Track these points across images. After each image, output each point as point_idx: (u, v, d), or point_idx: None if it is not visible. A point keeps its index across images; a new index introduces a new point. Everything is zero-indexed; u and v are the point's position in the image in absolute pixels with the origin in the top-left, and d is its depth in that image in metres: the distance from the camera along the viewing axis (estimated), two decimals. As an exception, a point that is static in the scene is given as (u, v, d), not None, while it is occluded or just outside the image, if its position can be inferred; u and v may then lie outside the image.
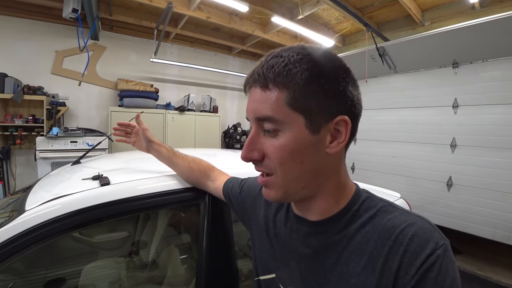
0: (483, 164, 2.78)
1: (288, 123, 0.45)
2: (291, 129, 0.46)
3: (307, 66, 0.44)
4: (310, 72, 0.44)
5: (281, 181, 0.49)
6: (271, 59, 0.46)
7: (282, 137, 0.46)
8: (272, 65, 0.45)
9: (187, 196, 0.97)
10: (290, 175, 0.48)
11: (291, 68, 0.44)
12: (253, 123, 0.50)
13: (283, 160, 0.47)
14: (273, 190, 0.51)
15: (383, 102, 3.67)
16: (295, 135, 0.46)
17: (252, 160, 0.50)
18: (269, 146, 0.48)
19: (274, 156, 0.47)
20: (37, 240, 0.74)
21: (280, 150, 0.46)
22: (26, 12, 3.80)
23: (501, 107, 2.66)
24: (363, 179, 3.71)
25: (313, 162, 0.48)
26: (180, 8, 3.87)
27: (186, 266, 1.25)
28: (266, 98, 0.46)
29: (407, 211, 0.48)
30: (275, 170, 0.49)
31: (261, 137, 0.49)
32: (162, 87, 4.99)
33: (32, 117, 3.64)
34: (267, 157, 0.49)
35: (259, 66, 0.47)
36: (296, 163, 0.47)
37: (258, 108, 0.47)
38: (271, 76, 0.45)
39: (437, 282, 0.39)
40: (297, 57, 0.45)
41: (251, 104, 0.49)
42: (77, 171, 1.22)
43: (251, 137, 0.50)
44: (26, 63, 3.83)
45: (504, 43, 2.56)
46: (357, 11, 4.14)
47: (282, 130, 0.46)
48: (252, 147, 0.49)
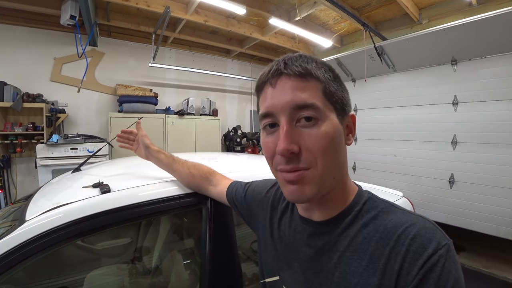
0: (485, 160, 2.78)
1: (326, 111, 0.47)
2: (329, 118, 0.48)
3: (328, 68, 0.51)
4: (332, 73, 0.51)
5: (321, 172, 0.47)
6: (300, 58, 0.49)
7: (323, 126, 0.47)
8: (307, 61, 0.49)
9: (188, 202, 0.97)
10: (330, 164, 0.47)
11: (320, 67, 0.49)
12: (285, 115, 0.47)
13: (325, 148, 0.46)
14: (309, 185, 0.47)
15: (382, 101, 3.67)
16: (332, 123, 0.48)
17: (292, 153, 0.46)
18: (308, 136, 0.46)
19: (317, 145, 0.46)
20: (38, 251, 0.73)
21: (323, 138, 0.46)
22: (24, 20, 3.82)
23: (501, 103, 2.66)
24: (365, 178, 3.71)
25: (343, 152, 0.51)
26: (178, 13, 3.89)
27: (190, 271, 1.24)
28: (306, 87, 0.47)
29: (409, 211, 0.49)
30: (314, 162, 0.47)
31: (295, 130, 0.47)
32: (161, 92, 4.99)
33: (32, 125, 3.64)
34: (305, 149, 0.46)
35: (290, 60, 0.49)
36: (335, 151, 0.48)
37: (297, 95, 0.46)
38: (311, 67, 0.48)
39: (439, 282, 0.39)
40: (319, 60, 0.51)
41: (286, 94, 0.47)
42: (78, 178, 1.21)
43: (287, 128, 0.47)
44: (25, 71, 3.84)
45: (503, 39, 2.56)
46: (355, 11, 4.14)
47: (322, 119, 0.47)
48: (291, 139, 0.46)
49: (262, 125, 0.52)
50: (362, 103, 3.89)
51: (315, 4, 3.69)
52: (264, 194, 0.73)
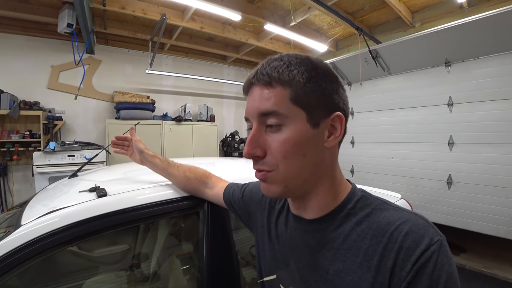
0: (482, 160, 2.79)
1: (292, 117, 0.48)
2: (294, 123, 0.48)
3: (306, 68, 0.49)
4: (309, 73, 0.49)
5: (283, 175, 0.50)
6: (273, 62, 0.50)
7: (286, 131, 0.48)
8: (275, 66, 0.49)
9: (185, 205, 0.96)
10: (292, 169, 0.49)
11: (292, 69, 0.48)
12: (255, 121, 0.51)
13: (287, 153, 0.48)
14: (273, 184, 0.51)
15: (378, 104, 3.70)
16: (298, 128, 0.48)
17: (254, 156, 0.51)
18: (272, 141, 0.49)
19: (278, 150, 0.48)
20: (34, 255, 0.72)
21: (284, 143, 0.48)
22: (21, 28, 3.84)
23: (496, 103, 2.69)
24: (363, 181, 3.71)
25: (314, 155, 0.50)
26: (174, 20, 3.92)
27: (188, 276, 1.23)
28: (270, 95, 0.48)
29: (401, 208, 0.49)
30: (276, 165, 0.49)
31: (263, 134, 0.50)
32: (159, 98, 5.01)
33: (29, 132, 3.64)
34: (269, 153, 0.50)
35: (261, 68, 0.50)
36: (298, 156, 0.49)
37: (262, 104, 0.49)
38: (276, 75, 0.48)
39: (432, 277, 0.39)
40: (296, 61, 0.50)
41: (254, 102, 0.51)
42: (74, 184, 1.21)
43: (253, 134, 0.51)
44: (22, 79, 3.85)
45: (494, 40, 2.60)
46: (348, 16, 4.20)
47: (286, 125, 0.48)
48: (255, 144, 0.50)
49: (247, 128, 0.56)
50: (359, 107, 3.92)
51: (310, 9, 3.74)
52: (262, 195, 0.73)
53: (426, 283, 0.39)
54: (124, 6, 3.54)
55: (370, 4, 4.00)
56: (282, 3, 3.92)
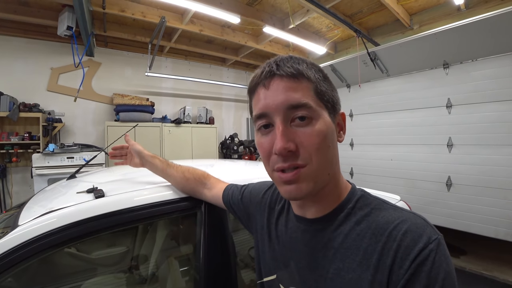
0: (481, 162, 2.79)
1: (319, 110, 0.49)
2: (322, 116, 0.49)
3: (318, 68, 0.53)
4: (322, 73, 0.53)
5: (316, 169, 0.48)
6: (291, 59, 0.51)
7: (317, 124, 0.49)
8: (298, 62, 0.50)
9: (182, 206, 0.96)
10: (324, 161, 0.49)
11: (311, 67, 0.51)
12: (279, 115, 0.48)
13: (320, 145, 0.48)
14: (304, 182, 0.49)
15: (377, 106, 3.70)
16: (325, 121, 0.50)
17: (289, 151, 0.48)
18: (302, 134, 0.48)
19: (312, 142, 0.48)
20: (31, 255, 0.72)
21: (318, 135, 0.48)
22: (22, 31, 3.86)
23: (494, 104, 2.69)
24: (363, 183, 3.71)
25: (334, 148, 0.52)
26: (173, 22, 3.94)
27: (186, 278, 1.22)
28: (298, 87, 0.49)
29: (400, 208, 0.50)
30: (310, 159, 0.48)
31: (290, 129, 0.49)
32: (158, 101, 5.02)
33: (28, 134, 3.64)
34: (301, 147, 0.48)
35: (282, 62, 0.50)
36: (328, 148, 0.50)
37: (290, 96, 0.48)
38: (302, 68, 0.50)
39: (430, 275, 0.39)
40: (308, 61, 0.52)
41: (279, 95, 0.48)
42: (73, 185, 1.20)
43: (283, 128, 0.48)
44: (21, 81, 3.86)
45: (492, 42, 2.61)
46: (347, 18, 4.22)
47: (315, 118, 0.49)
48: (287, 137, 0.48)
49: (257, 127, 0.53)
50: (357, 109, 3.93)
51: (308, 12, 3.76)
52: (261, 196, 0.74)
53: (424, 281, 0.39)
54: (123, 9, 3.56)
55: (368, 7, 4.02)
56: (281, 6, 3.94)
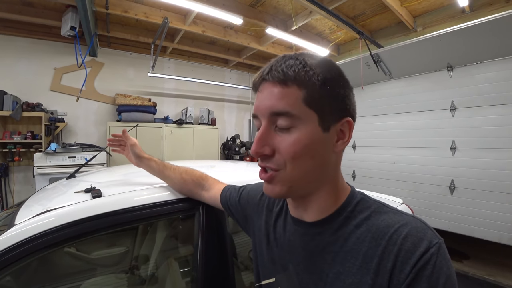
0: (485, 165, 2.76)
1: (304, 119, 0.47)
2: (306, 125, 0.47)
3: (322, 70, 0.48)
4: (324, 76, 0.47)
5: (290, 175, 0.49)
6: (289, 60, 0.49)
7: (296, 133, 0.47)
8: (291, 65, 0.47)
9: (180, 207, 0.95)
10: (300, 170, 0.49)
11: (308, 70, 0.47)
12: (264, 119, 0.50)
13: (296, 154, 0.48)
14: (278, 185, 0.51)
15: (380, 108, 3.68)
16: (309, 131, 0.47)
17: (262, 155, 0.50)
18: (281, 141, 0.48)
19: (288, 150, 0.48)
20: (27, 255, 0.72)
21: (294, 144, 0.47)
22: (26, 31, 3.89)
23: (498, 108, 2.67)
24: (365, 186, 3.68)
25: (321, 158, 0.50)
26: (176, 23, 3.95)
27: (184, 278, 1.22)
28: (284, 94, 0.47)
29: (400, 212, 0.49)
30: (284, 165, 0.49)
31: (272, 133, 0.50)
32: (160, 101, 5.03)
33: (31, 134, 3.65)
34: (277, 152, 0.49)
35: (276, 65, 0.49)
36: (307, 158, 0.48)
37: (275, 103, 0.48)
38: (291, 74, 0.47)
39: (431, 279, 0.39)
40: (312, 61, 0.48)
41: (266, 99, 0.49)
42: (72, 185, 1.20)
43: (262, 132, 0.49)
44: (25, 81, 3.89)
45: (497, 44, 2.59)
46: (350, 20, 4.21)
47: (296, 126, 0.47)
48: (263, 142, 0.49)
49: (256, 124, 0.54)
50: (360, 111, 3.85)
51: (311, 13, 3.75)
52: (259, 198, 0.73)
53: (425, 285, 0.39)
54: (126, 10, 3.58)
55: (372, 9, 4.01)
56: (284, 7, 3.94)
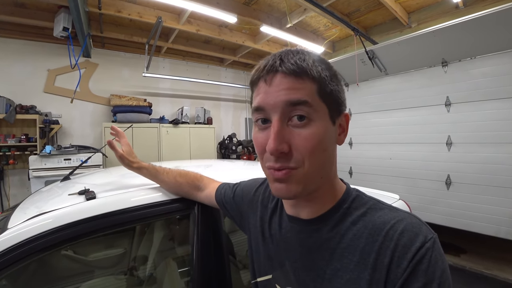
0: (480, 160, 2.78)
1: (319, 112, 0.47)
2: (320, 118, 0.47)
3: (325, 66, 0.49)
4: (329, 72, 0.49)
5: (307, 172, 0.47)
6: (298, 54, 0.48)
7: (313, 126, 0.46)
8: (303, 59, 0.47)
9: (175, 207, 0.95)
10: (317, 165, 0.48)
11: (317, 65, 0.48)
12: (277, 112, 0.47)
13: (314, 149, 0.46)
14: (294, 184, 0.48)
15: (376, 104, 3.69)
16: (323, 124, 0.47)
17: (282, 152, 0.46)
18: (298, 136, 0.46)
19: (306, 145, 0.46)
20: (20, 259, 0.71)
21: (313, 139, 0.46)
22: (18, 33, 3.85)
23: (493, 102, 2.68)
24: (362, 182, 3.69)
25: (331, 152, 0.50)
26: (170, 23, 3.93)
27: (183, 278, 1.21)
28: (300, 86, 0.46)
29: (395, 208, 0.50)
30: (302, 162, 0.47)
31: (286, 128, 0.47)
32: (156, 101, 5.01)
33: (25, 136, 3.63)
34: (294, 149, 0.47)
35: (287, 57, 0.47)
36: (322, 152, 0.48)
37: (291, 93, 0.46)
38: (306, 66, 0.46)
39: (427, 273, 0.40)
40: (317, 57, 0.50)
41: (280, 91, 0.46)
42: (67, 187, 1.19)
43: (278, 127, 0.46)
44: (18, 83, 3.85)
45: (491, 39, 2.59)
46: (345, 17, 4.21)
47: (313, 119, 0.47)
48: (281, 138, 0.46)
49: (255, 119, 0.51)
50: (356, 107, 3.91)
51: (305, 11, 3.75)
52: (253, 193, 0.73)
53: (422, 279, 0.40)
54: (120, 10, 3.55)
55: (366, 5, 4.01)
56: (278, 5, 3.93)
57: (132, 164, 0.98)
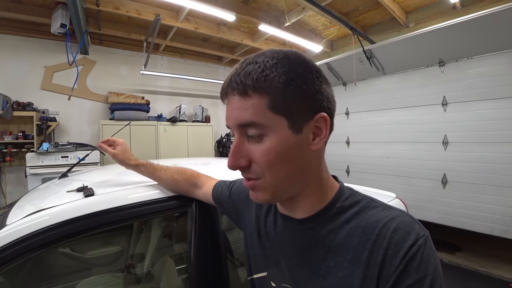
0: (476, 159, 2.80)
1: (272, 126, 0.46)
2: (275, 132, 0.46)
3: (283, 70, 0.45)
4: (287, 76, 0.45)
5: (270, 183, 0.49)
6: (247, 66, 0.46)
7: (267, 141, 0.47)
8: (249, 72, 0.45)
9: (173, 204, 0.95)
10: (279, 176, 0.49)
11: (268, 74, 0.44)
12: (235, 131, 0.50)
13: (270, 163, 0.47)
14: (260, 192, 0.51)
15: (373, 104, 3.71)
16: (280, 137, 0.46)
17: (239, 167, 0.50)
18: (255, 151, 0.48)
19: (262, 160, 0.47)
20: (18, 255, 0.71)
21: (268, 153, 0.47)
22: (15, 29, 3.82)
23: (489, 102, 2.70)
24: (359, 181, 3.72)
25: (299, 160, 0.49)
26: (168, 20, 3.91)
27: (179, 276, 1.22)
28: (247, 105, 0.46)
29: (389, 206, 0.50)
30: (262, 174, 0.49)
31: (246, 144, 0.49)
32: (154, 99, 5.00)
33: (22, 134, 3.61)
34: (254, 162, 0.49)
35: (235, 74, 0.47)
36: (284, 163, 0.48)
37: (239, 115, 0.47)
38: (250, 83, 0.45)
39: (420, 269, 0.41)
40: (272, 62, 0.45)
41: (232, 112, 0.48)
42: (65, 184, 1.19)
43: (235, 145, 0.49)
44: (15, 80, 3.82)
45: (487, 40, 2.61)
46: (343, 16, 4.22)
47: (267, 134, 0.46)
48: (238, 155, 0.49)
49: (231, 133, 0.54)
50: (354, 107, 3.93)
51: (304, 10, 3.75)
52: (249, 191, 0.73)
53: (414, 275, 0.41)
54: (118, 7, 3.53)
55: (364, 5, 4.02)
56: (277, 3, 3.92)
57: (129, 161, 0.98)
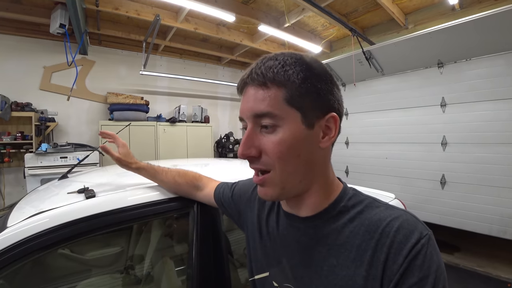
0: (474, 160, 2.82)
1: (286, 118, 0.48)
2: (289, 124, 0.48)
3: (301, 68, 0.49)
4: (304, 73, 0.48)
5: (280, 176, 0.50)
6: (268, 61, 0.50)
7: (280, 132, 0.48)
8: (270, 66, 0.48)
9: (174, 206, 0.95)
10: (288, 169, 0.50)
11: (287, 69, 0.48)
12: (249, 121, 0.51)
13: (282, 154, 0.48)
14: (270, 187, 0.52)
15: (372, 104, 3.71)
16: (292, 129, 0.48)
17: (249, 157, 0.51)
18: (267, 141, 0.49)
19: (273, 151, 0.49)
20: (20, 257, 0.71)
21: (279, 144, 0.48)
22: (13, 29, 3.80)
23: (488, 103, 2.72)
24: (358, 182, 3.72)
25: (308, 156, 0.50)
26: (168, 21, 3.91)
27: (180, 277, 1.22)
28: (265, 96, 0.48)
29: (391, 206, 0.51)
30: (273, 166, 0.50)
31: (258, 134, 0.50)
32: (153, 100, 4.99)
33: (21, 134, 3.59)
34: (264, 153, 0.50)
35: (256, 67, 0.50)
36: (293, 157, 0.49)
37: (256, 105, 0.49)
38: (270, 75, 0.48)
39: (423, 268, 0.41)
40: (291, 60, 0.49)
41: (248, 102, 0.50)
42: (65, 185, 1.19)
43: (248, 134, 0.50)
44: (13, 80, 3.81)
45: (486, 41, 2.63)
46: (342, 17, 4.22)
47: (280, 126, 0.48)
48: (249, 144, 0.50)
49: (242, 127, 0.55)
50: (353, 107, 3.94)
51: (303, 10, 3.76)
52: (251, 192, 0.74)
53: (418, 274, 0.41)
54: (117, 7, 3.52)
55: (364, 6, 4.03)
56: (276, 4, 3.93)
57: (130, 165, 0.98)
